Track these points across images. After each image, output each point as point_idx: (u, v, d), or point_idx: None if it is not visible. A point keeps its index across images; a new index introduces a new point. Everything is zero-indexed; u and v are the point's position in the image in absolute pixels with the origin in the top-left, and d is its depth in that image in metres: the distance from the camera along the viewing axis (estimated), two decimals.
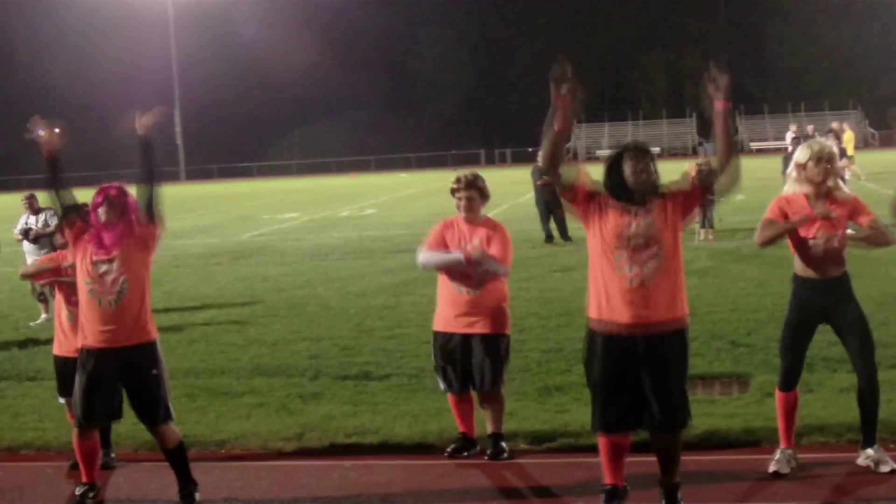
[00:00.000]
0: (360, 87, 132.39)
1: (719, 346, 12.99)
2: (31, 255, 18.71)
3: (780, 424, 8.71)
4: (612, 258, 7.52)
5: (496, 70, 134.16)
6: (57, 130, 8.66)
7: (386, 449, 9.69)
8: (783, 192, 8.80)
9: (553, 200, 27.68)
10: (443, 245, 9.73)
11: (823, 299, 8.60)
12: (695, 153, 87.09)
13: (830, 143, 8.82)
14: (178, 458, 8.59)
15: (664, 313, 7.46)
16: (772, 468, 8.49)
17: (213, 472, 9.40)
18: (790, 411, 8.71)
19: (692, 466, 8.47)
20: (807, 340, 8.73)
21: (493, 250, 9.36)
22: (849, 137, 46.74)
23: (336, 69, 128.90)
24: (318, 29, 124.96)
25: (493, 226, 9.62)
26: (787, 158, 27.33)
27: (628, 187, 7.69)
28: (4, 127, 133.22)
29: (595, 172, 7.90)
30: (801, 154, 8.75)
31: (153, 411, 8.44)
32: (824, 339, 10.26)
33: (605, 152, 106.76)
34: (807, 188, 8.61)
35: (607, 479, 7.79)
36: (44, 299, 18.41)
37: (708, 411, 10.20)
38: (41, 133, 8.60)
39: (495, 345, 9.36)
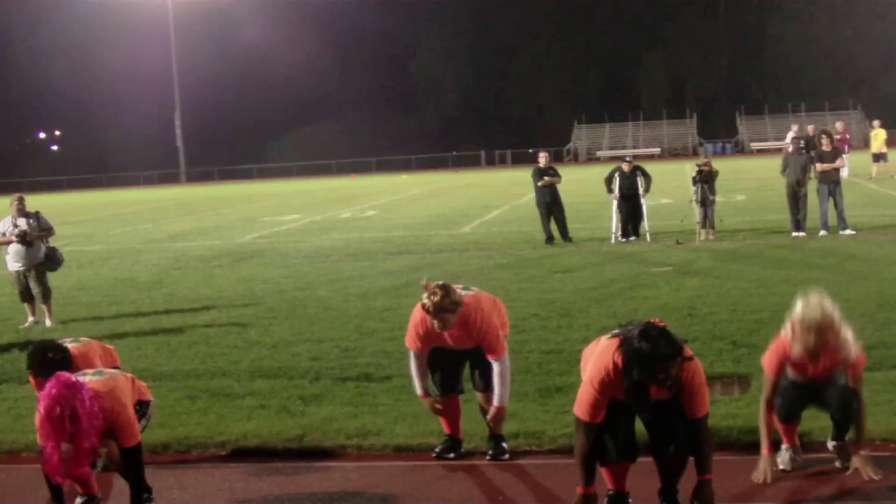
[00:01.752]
0: (360, 89, 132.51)
1: (720, 347, 12.97)
2: (16, 261, 18.58)
3: (780, 430, 8.71)
4: None
5: (497, 71, 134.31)
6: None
7: (387, 450, 9.69)
8: (783, 334, 8.36)
9: (553, 201, 27.72)
10: (426, 347, 9.52)
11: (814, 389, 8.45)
12: (695, 154, 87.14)
13: (827, 309, 8.07)
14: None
15: None
16: (778, 466, 8.49)
17: (214, 474, 9.41)
18: (792, 427, 8.76)
19: (692, 467, 8.44)
20: (804, 405, 8.68)
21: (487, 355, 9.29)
22: (878, 135, 46.53)
23: (336, 70, 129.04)
24: (319, 30, 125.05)
25: (471, 322, 9.24)
26: (786, 158, 27.35)
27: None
28: (4, 130, 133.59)
29: (598, 173, 7.83)
30: (795, 314, 8.15)
31: None
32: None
33: (605, 153, 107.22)
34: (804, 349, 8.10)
35: (611, 485, 7.82)
36: (30, 300, 18.43)
37: (710, 412, 10.19)
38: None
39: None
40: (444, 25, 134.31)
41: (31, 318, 18.37)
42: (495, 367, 9.17)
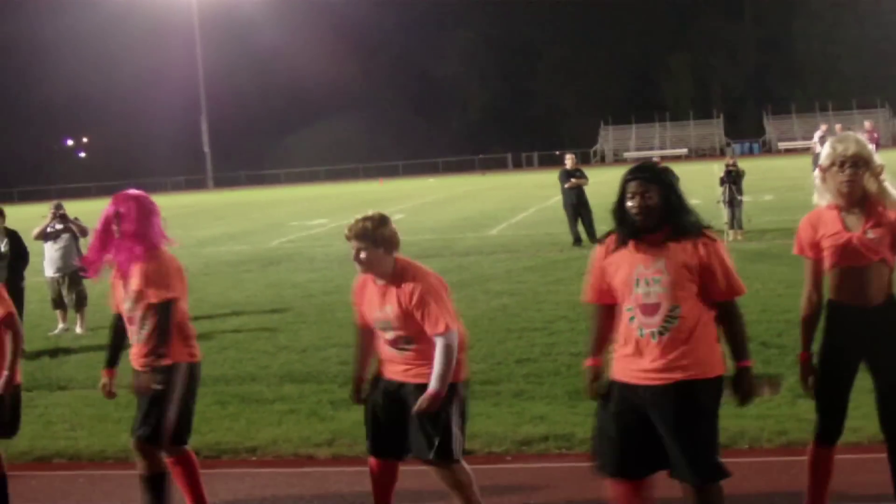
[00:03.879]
0: (386, 93, 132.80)
1: (750, 347, 12.90)
2: (51, 267, 18.68)
3: (809, 484, 7.28)
4: None
5: (523, 74, 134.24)
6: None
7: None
8: (813, 202, 7.16)
9: (580, 203, 27.68)
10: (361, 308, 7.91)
11: (863, 331, 6.98)
12: (722, 154, 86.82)
13: (861, 139, 6.96)
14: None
15: None
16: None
17: (244, 480, 9.42)
18: (826, 468, 7.23)
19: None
20: (847, 382, 7.17)
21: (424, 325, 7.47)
22: None
23: (362, 75, 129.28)
24: (344, 35, 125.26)
25: (407, 282, 7.65)
26: (817, 158, 27.27)
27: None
28: (31, 137, 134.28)
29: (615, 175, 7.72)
30: (823, 155, 7.05)
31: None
32: None
33: (632, 154, 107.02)
34: (836, 199, 6.92)
35: None
36: (62, 307, 18.49)
37: (739, 412, 10.15)
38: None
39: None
40: (471, 30, 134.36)
41: (61, 325, 18.43)
42: (439, 342, 7.34)
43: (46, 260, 18.87)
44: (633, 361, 6.35)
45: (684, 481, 6.37)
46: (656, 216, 6.31)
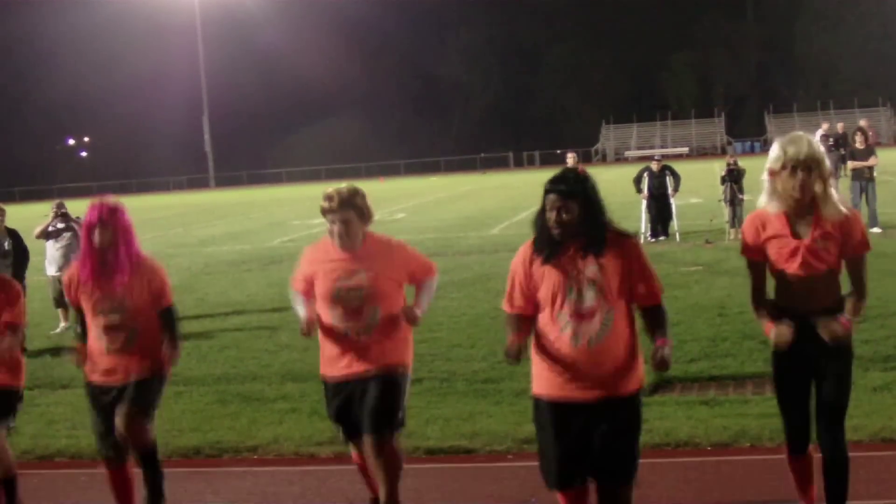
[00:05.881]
0: (388, 92, 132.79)
1: (751, 346, 12.93)
2: (52, 265, 18.71)
3: (796, 486, 7.32)
4: None
5: (524, 73, 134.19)
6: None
7: (418, 453, 9.67)
8: (758, 204, 6.91)
9: None
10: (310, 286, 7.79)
11: (809, 338, 6.73)
12: (724, 153, 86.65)
13: (814, 140, 6.66)
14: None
15: None
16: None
17: (246, 478, 9.43)
18: (806, 473, 7.24)
19: (725, 466, 8.44)
20: (804, 388, 6.96)
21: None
22: None
23: (364, 74, 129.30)
24: (346, 35, 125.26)
25: (381, 247, 7.77)
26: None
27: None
28: (34, 136, 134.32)
29: (626, 173, 7.69)
30: (773, 158, 6.72)
31: None
32: (856, 338, 10.16)
33: (633, 153, 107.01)
34: (785, 203, 6.70)
35: None
36: (64, 305, 18.51)
37: (741, 411, 10.18)
38: None
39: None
40: (472, 27, 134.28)
41: (63, 324, 18.45)
42: (428, 281, 7.94)
43: (48, 259, 18.90)
44: (564, 374, 6.32)
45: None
46: (573, 229, 6.23)
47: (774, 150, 6.72)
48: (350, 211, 7.54)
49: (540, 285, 6.36)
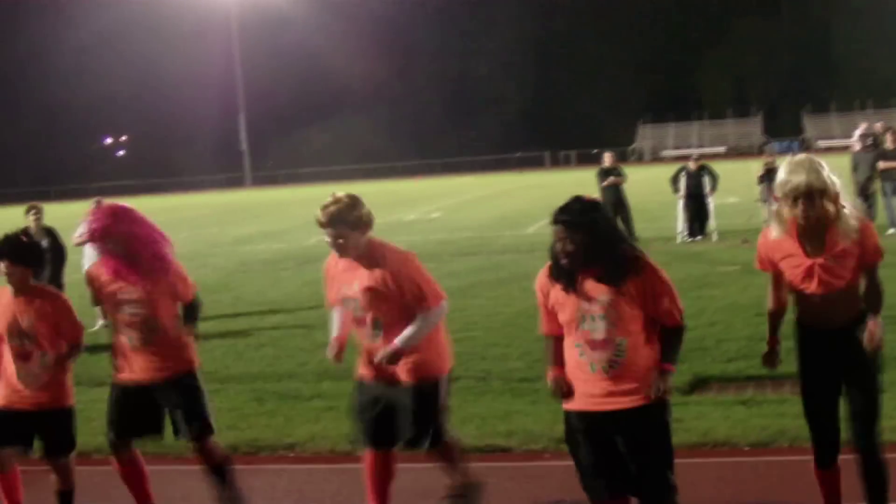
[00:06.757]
0: (423, 92, 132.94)
1: (789, 346, 12.77)
2: (90, 262, 18.77)
3: (823, 499, 7.25)
4: None
5: (560, 72, 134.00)
6: None
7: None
8: (772, 233, 6.91)
9: (618, 201, 27.60)
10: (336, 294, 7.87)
11: (834, 353, 6.86)
12: (761, 152, 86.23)
13: (815, 167, 6.52)
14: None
15: None
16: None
17: (282, 476, 9.45)
18: (834, 486, 7.15)
19: (763, 467, 8.40)
20: (832, 403, 6.96)
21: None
22: None
23: (399, 74, 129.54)
24: (381, 34, 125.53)
25: (382, 261, 7.52)
26: (856, 157, 27.04)
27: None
28: (71, 136, 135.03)
29: (663, 172, 7.64)
30: (778, 183, 6.69)
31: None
32: (893, 339, 10.11)
33: (670, 153, 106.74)
34: (793, 226, 6.70)
35: None
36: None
37: (779, 411, 10.12)
38: None
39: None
40: (507, 26, 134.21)
41: (100, 321, 18.46)
42: (420, 313, 7.57)
43: (86, 256, 18.95)
44: (586, 389, 6.30)
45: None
46: (581, 259, 6.15)
47: (781, 174, 6.68)
48: (340, 226, 7.45)
49: (558, 311, 6.36)
